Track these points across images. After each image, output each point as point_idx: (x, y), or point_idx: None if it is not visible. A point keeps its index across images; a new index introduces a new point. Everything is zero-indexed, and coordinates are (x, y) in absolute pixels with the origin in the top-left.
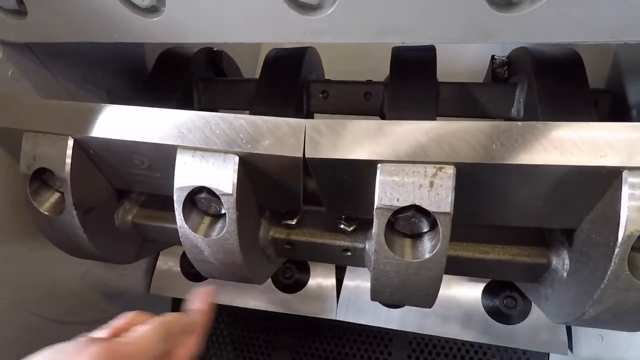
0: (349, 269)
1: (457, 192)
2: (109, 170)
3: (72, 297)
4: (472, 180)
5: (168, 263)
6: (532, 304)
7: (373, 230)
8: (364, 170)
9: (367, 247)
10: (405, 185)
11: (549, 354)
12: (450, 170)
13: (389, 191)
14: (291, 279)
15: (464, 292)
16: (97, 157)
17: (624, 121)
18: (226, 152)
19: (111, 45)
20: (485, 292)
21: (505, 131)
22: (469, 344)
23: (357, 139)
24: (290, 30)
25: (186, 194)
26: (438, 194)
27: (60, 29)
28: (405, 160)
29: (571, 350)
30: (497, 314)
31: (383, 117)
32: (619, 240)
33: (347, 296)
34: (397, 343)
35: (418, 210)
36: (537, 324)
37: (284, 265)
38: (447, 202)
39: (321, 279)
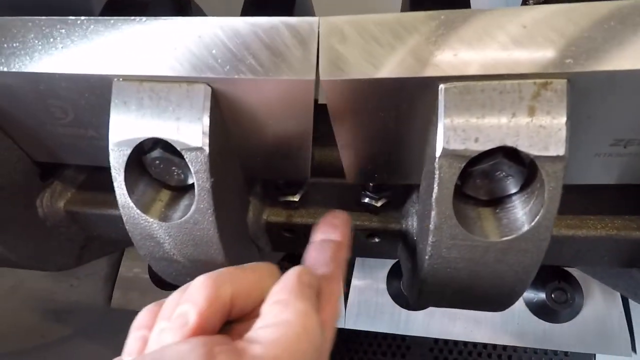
0: (357, 265)
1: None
2: (20, 132)
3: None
4: (591, 103)
5: (133, 269)
6: (584, 295)
7: (434, 195)
8: (417, 97)
9: (404, 226)
10: (489, 115)
11: (594, 355)
12: (562, 86)
13: (462, 127)
14: None
15: None
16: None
17: None
18: (191, 80)
19: None
20: None
21: None
22: (501, 346)
23: (404, 44)
24: None
25: (129, 152)
26: (543, 126)
27: None
28: (486, 74)
29: (635, 351)
30: (543, 311)
31: None
32: None
33: (357, 299)
34: (416, 351)
35: (508, 156)
36: (591, 320)
37: (277, 263)
38: (560, 138)
39: None
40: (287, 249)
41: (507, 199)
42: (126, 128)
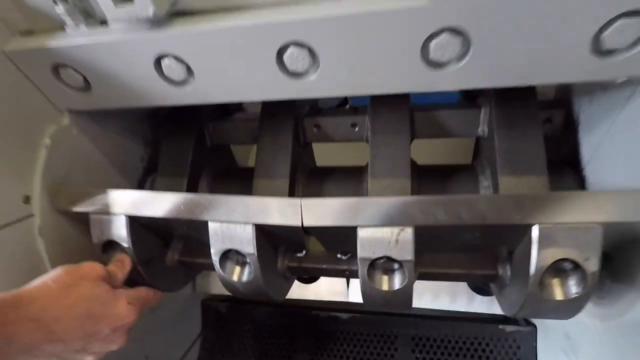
0: None
1: (418, 242)
2: (158, 231)
3: None
4: (428, 233)
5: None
6: None
7: (359, 272)
8: (348, 231)
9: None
10: (379, 242)
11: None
12: (410, 230)
13: (367, 247)
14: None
15: None
16: (147, 225)
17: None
18: (245, 223)
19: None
20: None
21: (446, 202)
22: (469, 341)
23: (341, 212)
24: (287, 90)
25: (220, 255)
26: (402, 247)
27: (115, 99)
28: (377, 224)
29: None
30: (478, 289)
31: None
32: (531, 272)
33: (356, 287)
34: (402, 340)
35: (389, 258)
36: None
37: None
38: (409, 252)
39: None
40: (300, 274)
41: (394, 271)
42: (218, 243)
